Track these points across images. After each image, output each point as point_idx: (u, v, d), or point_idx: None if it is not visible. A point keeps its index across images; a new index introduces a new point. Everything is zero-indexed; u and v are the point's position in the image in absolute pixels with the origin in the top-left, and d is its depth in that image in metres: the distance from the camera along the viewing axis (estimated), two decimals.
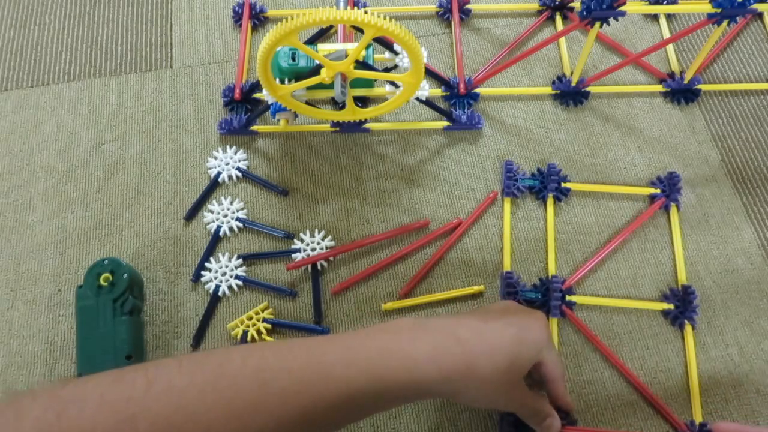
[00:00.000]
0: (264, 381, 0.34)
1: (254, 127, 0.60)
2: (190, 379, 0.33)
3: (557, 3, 0.67)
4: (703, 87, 0.63)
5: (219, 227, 0.56)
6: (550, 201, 0.57)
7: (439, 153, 0.60)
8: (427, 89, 0.55)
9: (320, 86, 0.51)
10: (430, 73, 0.62)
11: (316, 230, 0.56)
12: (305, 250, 0.55)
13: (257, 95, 0.63)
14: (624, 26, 0.67)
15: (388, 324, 0.40)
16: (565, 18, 0.67)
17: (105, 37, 0.67)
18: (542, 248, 0.56)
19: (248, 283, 0.54)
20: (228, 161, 0.59)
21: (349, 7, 0.46)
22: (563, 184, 0.58)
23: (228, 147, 0.60)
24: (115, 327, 0.49)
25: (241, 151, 0.60)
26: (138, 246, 0.56)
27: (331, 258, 0.55)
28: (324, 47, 0.52)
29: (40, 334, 0.53)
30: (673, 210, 0.57)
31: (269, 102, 0.55)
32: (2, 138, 0.62)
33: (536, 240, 0.56)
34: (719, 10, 0.52)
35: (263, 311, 0.53)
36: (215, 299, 0.54)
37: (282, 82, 0.51)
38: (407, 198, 0.58)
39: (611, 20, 0.54)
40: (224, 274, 0.54)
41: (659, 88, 0.63)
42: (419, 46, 0.47)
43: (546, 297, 0.52)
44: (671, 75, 0.64)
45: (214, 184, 0.59)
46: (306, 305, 0.54)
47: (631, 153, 0.60)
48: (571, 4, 0.67)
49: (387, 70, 0.55)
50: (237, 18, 0.67)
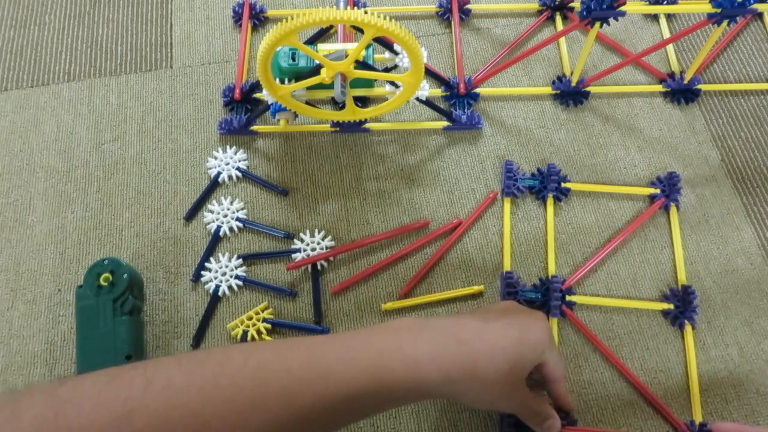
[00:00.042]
0: (264, 380, 0.34)
1: (254, 127, 0.60)
2: (190, 378, 0.33)
3: (557, 3, 0.67)
4: (703, 87, 0.63)
5: (219, 227, 0.56)
6: (550, 201, 0.57)
7: (439, 153, 0.60)
8: (427, 89, 0.55)
9: (320, 86, 0.51)
10: (430, 73, 0.62)
11: (316, 230, 0.56)
12: (305, 250, 0.55)
13: (257, 95, 0.63)
14: (624, 26, 0.67)
15: (389, 324, 0.40)
16: (565, 18, 0.67)
17: (105, 37, 0.67)
18: (542, 248, 0.56)
19: (248, 283, 0.54)
20: (228, 161, 0.59)
21: (349, 7, 0.46)
22: (563, 184, 0.58)
23: (228, 147, 0.60)
24: (115, 327, 0.49)
25: (241, 151, 0.60)
26: (138, 246, 0.56)
27: (331, 258, 0.55)
28: (324, 47, 0.52)
29: (40, 334, 0.53)
30: (673, 210, 0.57)
31: (269, 102, 0.55)
32: (2, 138, 0.62)
33: (536, 240, 0.56)
34: (719, 10, 0.52)
35: (263, 311, 0.53)
36: (215, 299, 0.54)
37: (282, 82, 0.51)
38: (407, 198, 0.58)
39: (611, 20, 0.54)
40: (224, 274, 0.54)
41: (659, 88, 0.63)
42: (419, 46, 0.47)
43: (546, 297, 0.52)
44: (671, 75, 0.64)
45: (214, 184, 0.59)
46: (306, 305, 0.54)
47: (631, 153, 0.60)
48: (571, 4, 0.67)
49: (387, 70, 0.55)
50: (237, 18, 0.67)
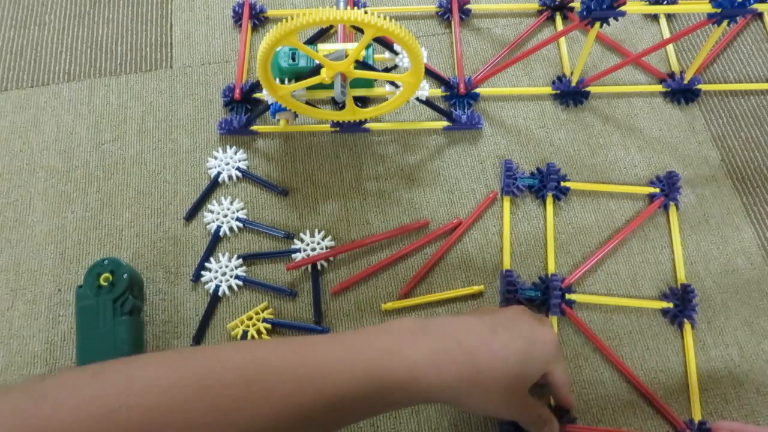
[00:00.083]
0: (252, 379, 0.33)
1: (254, 127, 0.60)
2: (175, 375, 0.32)
3: (557, 3, 0.67)
4: (703, 87, 0.63)
5: (219, 227, 0.56)
6: (550, 200, 0.57)
7: (439, 153, 0.60)
8: (427, 89, 0.55)
9: (320, 86, 0.51)
10: (430, 73, 0.62)
11: (316, 230, 0.56)
12: (305, 250, 0.55)
13: (257, 95, 0.63)
14: (624, 26, 0.67)
15: (390, 324, 0.39)
16: (565, 18, 0.67)
17: (105, 37, 0.67)
18: (542, 248, 0.56)
19: (248, 283, 0.54)
20: (228, 161, 0.59)
21: (349, 7, 0.46)
22: (562, 183, 0.58)
23: (228, 147, 0.60)
24: (115, 327, 0.49)
25: (241, 151, 0.60)
26: (138, 246, 0.56)
27: (331, 258, 0.55)
28: (324, 47, 0.52)
29: (40, 334, 0.53)
30: (673, 209, 0.57)
31: (269, 102, 0.55)
32: (2, 138, 0.62)
33: (536, 240, 0.56)
34: (719, 10, 0.52)
35: (263, 311, 0.53)
36: (215, 299, 0.54)
37: (282, 82, 0.51)
38: (407, 198, 0.58)
39: (611, 20, 0.54)
40: (224, 274, 0.54)
41: (659, 88, 0.63)
42: (419, 46, 0.47)
43: (546, 295, 0.52)
44: (671, 75, 0.64)
45: (214, 184, 0.59)
46: (306, 305, 0.54)
47: (631, 153, 0.60)
48: (571, 4, 0.67)
49: (387, 70, 0.55)
50: (237, 18, 0.67)
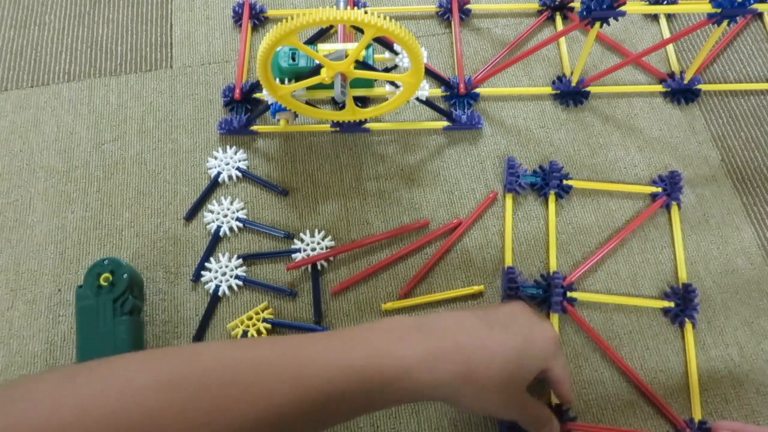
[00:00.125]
0: (232, 379, 0.32)
1: (254, 127, 0.60)
2: (151, 377, 0.31)
3: (557, 3, 0.67)
4: (703, 87, 0.63)
5: (219, 227, 0.56)
6: (552, 198, 0.57)
7: (439, 153, 0.60)
8: (427, 89, 0.55)
9: (320, 86, 0.51)
10: (430, 73, 0.62)
11: (316, 230, 0.56)
12: (305, 250, 0.55)
13: (257, 95, 0.63)
14: (624, 26, 0.67)
15: (382, 322, 0.38)
16: (565, 18, 0.67)
17: (105, 37, 0.67)
18: (542, 248, 0.56)
19: (248, 283, 0.54)
20: (228, 161, 0.59)
21: (349, 7, 0.46)
22: (565, 182, 0.58)
23: (228, 147, 0.60)
24: (115, 327, 0.49)
25: (241, 151, 0.60)
26: (138, 246, 0.56)
27: (331, 258, 0.55)
28: (324, 47, 0.52)
29: (40, 334, 0.53)
30: (674, 209, 0.57)
31: (269, 102, 0.55)
32: (2, 138, 0.62)
33: (536, 240, 0.56)
34: (719, 10, 0.52)
35: (263, 311, 0.53)
36: (215, 299, 0.54)
37: (282, 82, 0.51)
38: (407, 198, 0.58)
39: (611, 20, 0.54)
40: (224, 274, 0.54)
41: (659, 88, 0.63)
42: (419, 46, 0.47)
43: (547, 293, 0.53)
44: (671, 75, 0.64)
45: (214, 184, 0.59)
46: (306, 305, 0.54)
47: (631, 153, 0.60)
48: (571, 4, 0.67)
49: (387, 70, 0.55)
50: (237, 18, 0.67)
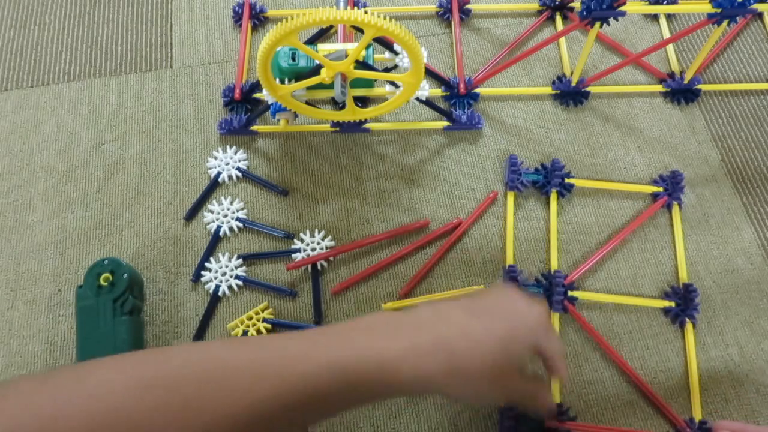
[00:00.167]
0: (208, 379, 0.32)
1: (254, 127, 0.60)
2: (125, 379, 0.31)
3: (557, 3, 0.67)
4: (703, 87, 0.63)
5: (219, 227, 0.56)
6: (554, 196, 0.57)
7: (439, 153, 0.60)
8: (427, 89, 0.55)
9: (320, 86, 0.51)
10: (430, 73, 0.62)
11: (316, 230, 0.56)
12: (305, 250, 0.55)
13: (257, 95, 0.63)
14: (624, 26, 0.67)
15: (363, 319, 0.38)
16: (565, 18, 0.67)
17: (105, 37, 0.67)
18: (543, 248, 0.56)
19: (248, 283, 0.54)
20: (228, 161, 0.59)
21: (349, 7, 0.46)
22: (567, 180, 0.58)
23: (228, 147, 0.60)
24: (115, 327, 0.49)
25: (241, 151, 0.60)
26: (138, 246, 0.56)
27: (331, 258, 0.55)
28: (324, 47, 0.52)
29: (40, 334, 0.53)
30: (675, 208, 0.57)
31: (269, 102, 0.55)
32: (2, 138, 0.62)
33: (536, 240, 0.56)
34: (719, 10, 0.52)
35: (263, 311, 0.53)
36: (215, 299, 0.54)
37: (282, 82, 0.51)
38: (407, 198, 0.58)
39: (611, 20, 0.54)
40: (224, 274, 0.54)
41: (659, 88, 0.63)
42: (419, 46, 0.47)
43: (548, 292, 0.53)
44: (671, 75, 0.64)
45: (214, 184, 0.59)
46: (306, 305, 0.54)
47: (631, 153, 0.60)
48: (571, 4, 0.67)
49: (387, 70, 0.55)
50: (237, 18, 0.67)
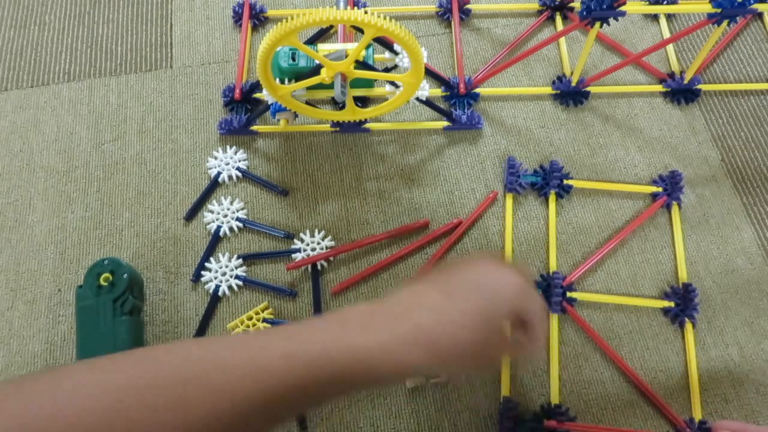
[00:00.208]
0: (188, 378, 0.32)
1: (254, 127, 0.60)
2: (104, 381, 0.31)
3: (557, 3, 0.67)
4: (703, 87, 0.63)
5: (219, 227, 0.56)
6: (552, 198, 0.57)
7: (439, 153, 0.60)
8: (427, 89, 0.55)
9: (320, 86, 0.51)
10: (430, 73, 0.62)
11: (316, 230, 0.56)
12: (305, 250, 0.55)
13: (257, 95, 0.63)
14: (624, 26, 0.67)
15: (338, 312, 0.37)
16: (565, 18, 0.67)
17: (105, 37, 0.67)
18: (542, 248, 0.56)
19: (248, 283, 0.54)
20: (228, 161, 0.59)
21: (349, 7, 0.46)
22: (565, 181, 0.58)
23: (228, 147, 0.60)
24: (115, 327, 0.49)
25: (241, 151, 0.60)
26: (138, 246, 0.56)
27: (331, 258, 0.55)
28: (324, 47, 0.52)
29: (40, 334, 0.53)
30: (675, 208, 0.57)
31: (269, 102, 0.55)
32: (2, 138, 0.62)
33: (536, 240, 0.56)
34: (719, 10, 0.52)
35: (263, 311, 0.53)
36: (215, 299, 0.54)
37: (282, 82, 0.51)
38: (407, 198, 0.58)
39: (611, 20, 0.54)
40: (224, 274, 0.54)
41: (659, 88, 0.63)
42: (419, 46, 0.47)
43: (547, 293, 0.53)
44: (671, 75, 0.64)
45: (214, 184, 0.59)
46: (306, 305, 0.54)
47: (631, 153, 0.60)
48: (571, 4, 0.67)
49: (387, 70, 0.55)
50: (237, 18, 0.67)
